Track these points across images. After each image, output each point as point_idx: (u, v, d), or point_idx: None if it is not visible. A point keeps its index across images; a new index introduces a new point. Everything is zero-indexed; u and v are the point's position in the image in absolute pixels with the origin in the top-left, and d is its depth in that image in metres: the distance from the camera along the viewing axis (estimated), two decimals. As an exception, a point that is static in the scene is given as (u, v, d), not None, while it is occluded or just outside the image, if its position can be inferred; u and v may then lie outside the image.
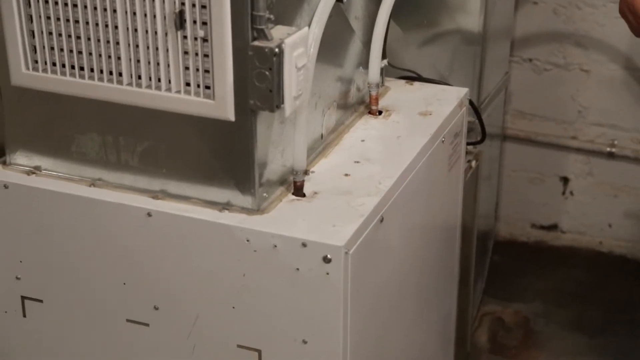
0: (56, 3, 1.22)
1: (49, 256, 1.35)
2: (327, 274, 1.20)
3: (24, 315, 1.40)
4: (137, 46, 1.21)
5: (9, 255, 1.37)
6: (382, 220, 1.31)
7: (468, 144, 1.76)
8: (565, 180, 2.46)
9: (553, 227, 2.52)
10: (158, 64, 1.21)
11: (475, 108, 1.76)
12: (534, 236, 2.53)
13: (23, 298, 1.39)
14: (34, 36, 1.26)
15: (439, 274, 1.68)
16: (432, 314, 1.68)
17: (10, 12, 1.25)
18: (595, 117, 2.35)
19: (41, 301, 1.38)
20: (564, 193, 2.48)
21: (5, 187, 1.33)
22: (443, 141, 1.55)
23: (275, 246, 1.22)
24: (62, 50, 1.25)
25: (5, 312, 1.41)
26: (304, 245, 1.21)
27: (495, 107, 2.11)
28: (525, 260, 2.46)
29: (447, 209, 1.66)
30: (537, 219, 2.53)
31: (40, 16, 1.24)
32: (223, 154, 1.25)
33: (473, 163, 1.89)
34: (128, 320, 1.34)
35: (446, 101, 1.61)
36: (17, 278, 1.38)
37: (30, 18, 1.25)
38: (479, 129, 1.80)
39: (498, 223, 2.50)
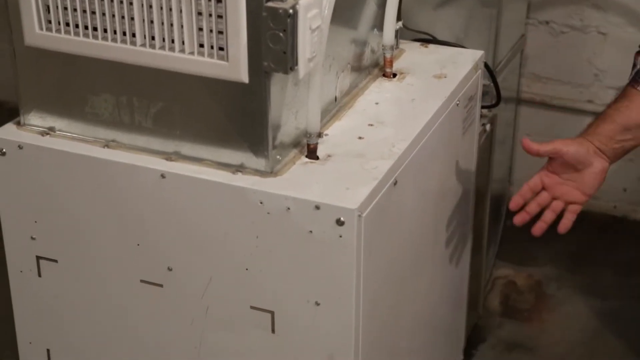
0: (69, -38, 1.22)
1: (63, 217, 1.36)
2: (340, 236, 1.21)
3: (39, 275, 1.41)
4: (151, 6, 1.20)
5: (24, 216, 1.38)
6: (395, 183, 1.31)
7: (483, 107, 1.75)
8: (580, 144, 2.45)
9: (567, 192, 2.51)
10: (172, 24, 1.21)
11: (490, 71, 1.75)
12: (548, 200, 2.52)
13: (38, 258, 1.40)
14: (47, -4, 1.25)
15: (453, 238, 1.68)
16: (444, 278, 1.68)
17: (23, -28, 1.24)
18: (612, 80, 2.32)
19: (56, 261, 1.39)
20: (578, 156, 2.46)
21: (20, 147, 1.34)
22: (457, 104, 1.54)
23: (289, 209, 1.22)
24: (75, 10, 1.24)
25: (21, 271, 1.42)
26: (317, 207, 1.21)
27: (510, 70, 2.09)
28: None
29: (461, 173, 1.65)
30: (551, 183, 2.51)
31: (53, -24, 1.24)
32: (237, 116, 1.25)
33: (487, 127, 1.88)
34: (142, 281, 1.35)
35: (461, 64, 1.59)
36: (32, 238, 1.39)
37: (43, -22, 1.24)
38: (494, 92, 1.78)
39: (512, 187, 2.49)
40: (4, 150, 1.34)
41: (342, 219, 1.20)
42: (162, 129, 1.29)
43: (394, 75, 1.56)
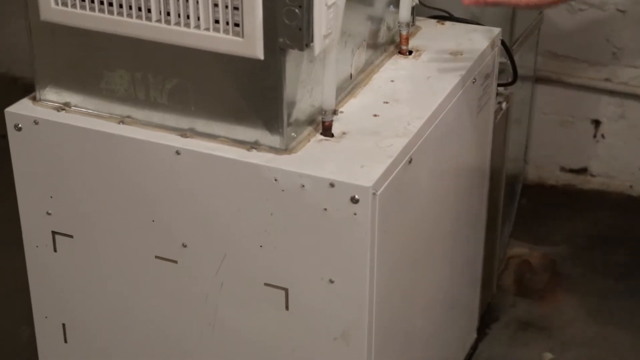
0: (84, -63, 1.21)
1: (79, 192, 1.36)
2: (355, 214, 1.20)
3: (55, 250, 1.42)
4: (166, -18, 1.20)
5: (40, 191, 1.39)
6: (410, 161, 1.31)
7: (499, 85, 1.74)
8: (596, 123, 2.43)
9: (582, 171, 2.50)
10: (187, 0, 1.20)
11: (507, 49, 1.73)
12: (563, 180, 2.51)
13: (54, 233, 1.41)
14: (62, -29, 1.25)
15: (467, 217, 1.67)
16: (459, 256, 1.68)
17: (39, -53, 1.24)
18: (630, 59, 2.30)
19: (71, 236, 1.40)
20: (594, 136, 2.45)
21: (36, 122, 1.34)
22: (474, 82, 1.53)
23: (303, 186, 1.22)
24: (90, -15, 1.24)
25: (37, 246, 1.43)
26: (332, 185, 1.20)
27: (527, 48, 2.08)
28: (554, 204, 2.44)
29: (476, 151, 1.65)
30: (567, 162, 2.50)
31: (68, -49, 1.23)
32: (252, 93, 1.24)
33: (503, 105, 1.87)
34: (157, 257, 1.35)
35: (478, 41, 1.58)
36: (48, 213, 1.39)
37: (58, -48, 1.24)
38: (510, 70, 1.77)
39: (527, 166, 2.48)
40: (19, 125, 1.35)
41: (356, 196, 1.20)
42: (177, 106, 1.29)
43: (410, 52, 1.55)
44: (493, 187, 1.81)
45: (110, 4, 1.24)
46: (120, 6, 1.24)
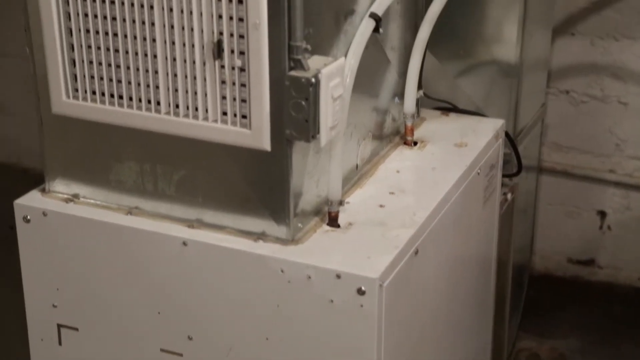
0: (97, 32, 1.24)
1: (85, 284, 1.36)
2: (361, 306, 1.20)
3: (60, 344, 1.40)
4: (176, 75, 1.22)
5: (46, 283, 1.38)
6: (416, 252, 1.30)
7: (504, 176, 1.74)
8: (602, 214, 2.43)
9: (590, 262, 2.49)
10: (196, 93, 1.22)
11: (511, 140, 1.75)
12: (571, 271, 2.50)
13: (59, 326, 1.40)
14: (74, 65, 1.28)
15: (474, 308, 1.66)
16: (466, 349, 1.66)
17: (53, 42, 1.27)
18: (634, 150, 2.32)
19: (77, 329, 1.39)
20: (601, 227, 2.44)
21: (44, 214, 1.35)
22: (479, 173, 1.54)
23: (310, 277, 1.21)
24: (102, 78, 1.27)
25: (42, 339, 1.41)
26: (338, 276, 1.20)
27: (531, 139, 2.10)
28: (562, 296, 2.42)
29: (482, 242, 1.64)
30: (574, 253, 2.49)
31: (81, 45, 1.26)
32: (258, 184, 1.25)
33: (509, 195, 1.88)
34: (162, 350, 1.34)
35: (482, 133, 1.60)
36: (54, 306, 1.39)
37: (71, 47, 1.27)
38: (515, 161, 1.78)
39: (534, 257, 2.47)
40: (28, 217, 1.35)
41: (363, 288, 1.19)
42: (184, 196, 1.30)
43: (415, 143, 1.56)
44: (500, 278, 1.80)
45: (121, 97, 1.27)
46: (130, 99, 1.26)
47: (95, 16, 1.23)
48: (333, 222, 1.31)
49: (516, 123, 1.91)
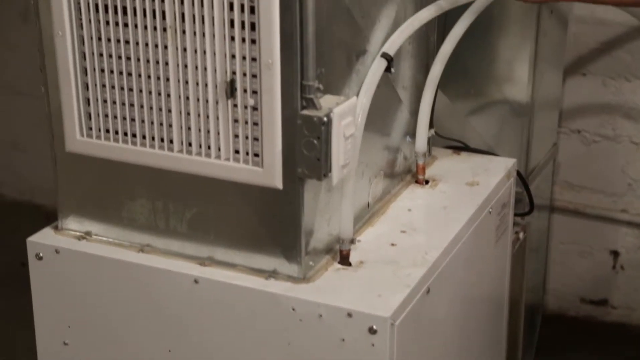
0: (112, 72, 1.26)
1: (97, 322, 1.36)
2: (373, 345, 1.19)
3: (69, 381, 1.40)
4: (189, 114, 1.23)
5: (58, 320, 1.38)
6: (428, 291, 1.30)
7: (516, 215, 1.74)
8: (615, 254, 2.42)
9: (603, 302, 2.47)
10: (208, 131, 1.23)
11: (522, 179, 1.75)
12: (584, 311, 2.48)
13: (69, 363, 1.39)
14: (89, 104, 1.29)
15: (486, 348, 1.65)
16: (479, 388, 1.64)
17: (68, 81, 1.28)
18: (646, 190, 2.31)
19: (87, 366, 1.38)
20: (614, 267, 2.43)
21: (57, 252, 1.35)
22: (490, 212, 1.54)
23: (321, 315, 1.21)
24: (115, 117, 1.28)
25: (51, 376, 1.41)
26: (350, 315, 1.20)
27: (543, 178, 2.10)
28: (575, 336, 2.40)
29: (494, 281, 1.64)
30: (587, 293, 2.47)
31: (96, 84, 1.27)
32: (270, 222, 1.26)
33: (521, 235, 1.87)
34: (172, 388, 1.33)
35: (493, 172, 1.60)
36: (65, 344, 1.38)
37: (86, 86, 1.28)
38: (526, 200, 1.78)
39: (546, 296, 2.45)
40: (41, 254, 1.36)
41: (374, 327, 1.18)
42: (196, 234, 1.30)
43: (427, 182, 1.56)
44: (512, 317, 1.79)
45: (134, 135, 1.28)
46: (144, 137, 1.27)
47: (110, 56, 1.25)
48: (344, 260, 1.31)
49: (528, 162, 1.91)
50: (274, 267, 1.27)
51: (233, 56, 1.18)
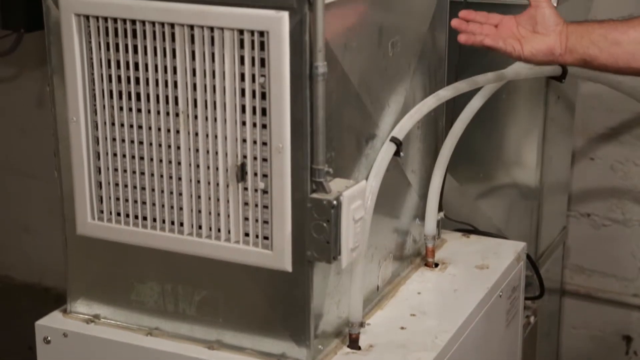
0: (124, 156, 1.27)
1: (103, 406, 1.34)
2: None
3: None
4: (199, 197, 1.24)
5: (63, 404, 1.37)
6: (439, 375, 1.29)
7: (526, 298, 1.73)
8: (628, 339, 2.39)
9: (618, 388, 2.42)
10: (218, 214, 1.24)
11: (532, 262, 1.75)
12: (598, 397, 2.43)
13: None
14: (101, 187, 1.30)
15: None
16: None
17: (81, 165, 1.29)
18: (657, 274, 2.30)
19: None
20: (627, 353, 2.40)
21: (65, 335, 1.34)
22: (500, 295, 1.53)
23: (330, 400, 1.20)
24: (127, 200, 1.29)
25: None
26: (360, 399, 1.18)
27: (553, 262, 2.09)
28: None
29: (506, 366, 1.62)
30: (601, 378, 2.43)
31: (108, 168, 1.29)
32: (279, 304, 1.25)
33: (532, 318, 1.86)
34: None
35: (503, 255, 1.60)
36: None
37: (98, 170, 1.30)
38: (537, 283, 1.77)
39: (559, 380, 2.41)
40: (49, 338, 1.35)
41: (385, 412, 1.17)
42: (205, 317, 1.30)
43: (436, 265, 1.56)
44: (525, 404, 1.76)
45: (145, 218, 1.29)
46: (154, 220, 1.28)
47: (123, 140, 1.27)
48: (354, 344, 1.30)
49: (537, 245, 1.90)
50: (283, 350, 1.26)
51: (244, 140, 1.20)
